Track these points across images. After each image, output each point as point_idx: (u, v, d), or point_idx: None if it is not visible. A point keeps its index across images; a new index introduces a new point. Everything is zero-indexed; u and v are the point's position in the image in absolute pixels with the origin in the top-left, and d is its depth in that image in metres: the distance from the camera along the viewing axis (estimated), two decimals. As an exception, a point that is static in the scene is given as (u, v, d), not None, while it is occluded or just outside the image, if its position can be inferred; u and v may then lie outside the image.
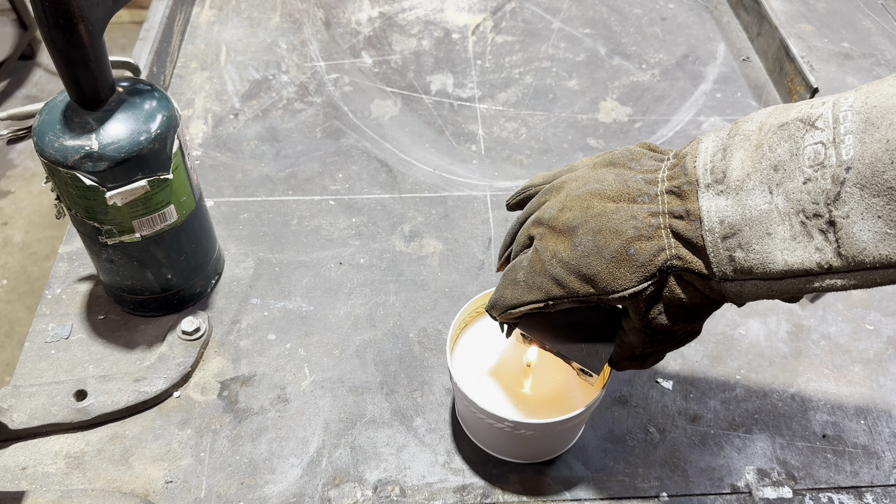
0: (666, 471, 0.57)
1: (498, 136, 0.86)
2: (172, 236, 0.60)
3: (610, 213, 0.42)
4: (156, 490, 0.55)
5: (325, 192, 0.78)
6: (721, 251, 0.38)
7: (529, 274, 0.45)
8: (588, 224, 0.42)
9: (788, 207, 0.36)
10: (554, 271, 0.44)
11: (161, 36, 0.89)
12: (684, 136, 0.86)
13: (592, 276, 0.42)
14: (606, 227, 0.42)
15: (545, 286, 0.44)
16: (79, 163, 0.52)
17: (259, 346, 0.64)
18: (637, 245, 0.41)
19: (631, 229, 0.41)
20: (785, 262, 0.36)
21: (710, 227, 0.38)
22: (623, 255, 0.41)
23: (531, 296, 0.45)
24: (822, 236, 0.35)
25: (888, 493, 0.56)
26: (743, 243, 0.38)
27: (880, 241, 0.34)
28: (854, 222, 0.34)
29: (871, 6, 1.07)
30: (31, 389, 0.59)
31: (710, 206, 0.39)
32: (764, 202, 0.37)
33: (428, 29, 1.01)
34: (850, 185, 0.34)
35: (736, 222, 0.38)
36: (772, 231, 0.37)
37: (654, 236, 0.40)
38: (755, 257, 0.37)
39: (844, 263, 0.35)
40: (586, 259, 0.42)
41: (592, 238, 0.42)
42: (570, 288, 0.43)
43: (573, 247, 0.43)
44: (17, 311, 1.61)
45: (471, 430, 0.58)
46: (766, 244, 0.37)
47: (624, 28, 1.02)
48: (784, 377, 0.63)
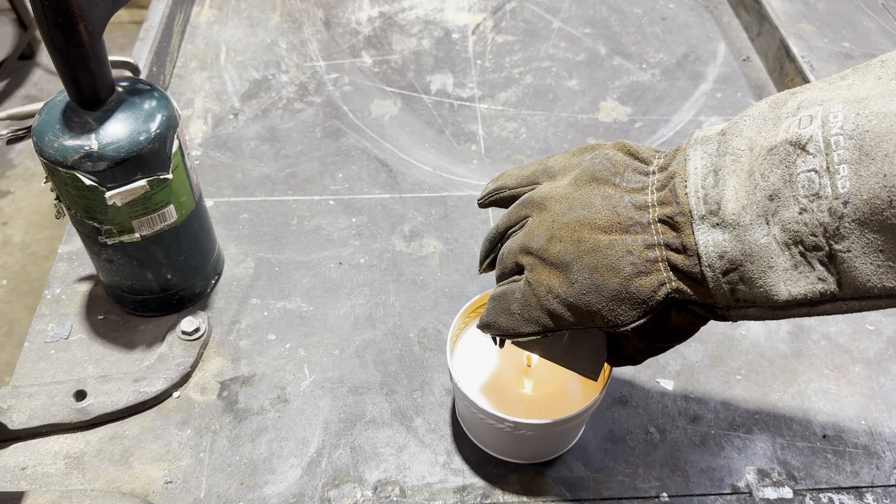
0: (666, 471, 0.57)
1: (498, 136, 0.85)
2: (172, 236, 0.60)
3: (604, 248, 0.41)
4: (155, 490, 0.55)
5: (325, 192, 0.78)
6: (723, 285, 0.38)
7: (524, 308, 0.44)
8: (582, 260, 0.41)
9: (786, 238, 0.36)
10: (551, 306, 0.43)
11: (161, 36, 0.89)
12: (684, 136, 0.86)
13: (593, 313, 0.41)
14: (603, 265, 0.41)
15: (542, 320, 0.44)
16: (78, 163, 0.52)
17: (259, 346, 0.64)
18: (637, 282, 0.40)
19: (628, 266, 0.40)
20: (788, 292, 0.36)
21: (709, 263, 0.38)
22: (623, 293, 0.40)
23: (528, 328, 0.45)
24: (823, 267, 0.35)
25: (888, 494, 0.56)
26: (745, 278, 0.37)
27: (884, 274, 0.33)
28: (856, 256, 0.34)
29: (872, 6, 1.07)
30: (30, 389, 0.59)
31: (707, 241, 0.38)
32: (762, 235, 0.36)
33: (428, 29, 1.01)
34: (848, 220, 0.34)
35: (736, 258, 0.37)
36: (773, 264, 0.36)
37: (653, 270, 0.40)
38: (759, 291, 0.37)
39: (848, 293, 0.35)
40: (585, 297, 0.41)
41: (589, 276, 0.41)
42: (568, 321, 0.43)
43: (569, 284, 0.42)
44: (17, 311, 1.61)
45: (471, 430, 0.57)
46: (768, 277, 0.36)
47: (624, 28, 1.02)
48: (784, 377, 0.63)
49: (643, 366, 0.63)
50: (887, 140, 0.32)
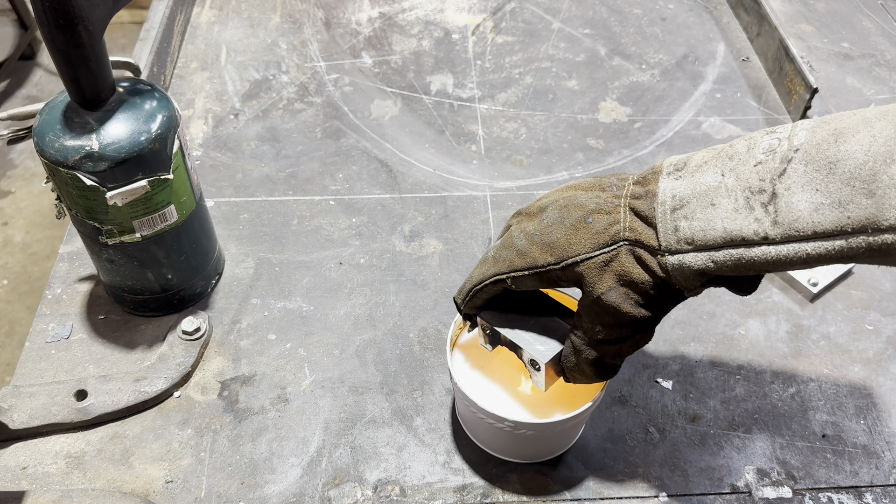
0: (666, 471, 0.57)
1: (498, 137, 0.86)
2: (173, 236, 0.60)
3: (579, 195, 0.46)
4: (156, 490, 0.55)
5: (326, 192, 0.78)
6: (668, 221, 0.41)
7: (498, 250, 0.48)
8: (557, 203, 0.47)
9: (736, 185, 0.39)
10: (519, 243, 0.47)
11: (161, 36, 0.89)
12: (684, 136, 0.86)
13: (552, 243, 0.45)
14: (572, 203, 0.46)
15: (509, 258, 0.47)
16: (79, 163, 0.52)
17: (259, 346, 0.64)
18: (595, 216, 0.44)
19: (593, 204, 0.45)
20: (724, 228, 0.39)
21: (662, 200, 0.42)
22: (581, 223, 0.44)
23: (495, 268, 0.48)
24: (762, 209, 0.38)
25: (888, 493, 0.56)
26: (689, 214, 0.41)
27: (815, 211, 0.36)
28: (794, 193, 0.37)
29: (871, 6, 1.07)
30: (31, 389, 0.59)
31: (665, 186, 0.42)
32: (714, 180, 0.40)
33: (428, 29, 1.01)
34: (796, 162, 0.37)
35: (685, 195, 0.41)
36: (716, 203, 0.40)
37: (613, 211, 0.44)
38: (697, 224, 0.40)
39: (779, 232, 0.37)
40: (549, 228, 0.46)
41: (558, 212, 0.46)
42: (531, 257, 0.46)
43: (540, 221, 0.47)
44: (18, 311, 1.61)
45: (471, 430, 0.58)
46: (708, 213, 0.40)
47: (624, 28, 1.02)
48: (784, 377, 0.63)
49: (643, 365, 0.63)
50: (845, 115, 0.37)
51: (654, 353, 0.64)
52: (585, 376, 0.48)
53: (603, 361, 0.47)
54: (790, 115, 0.88)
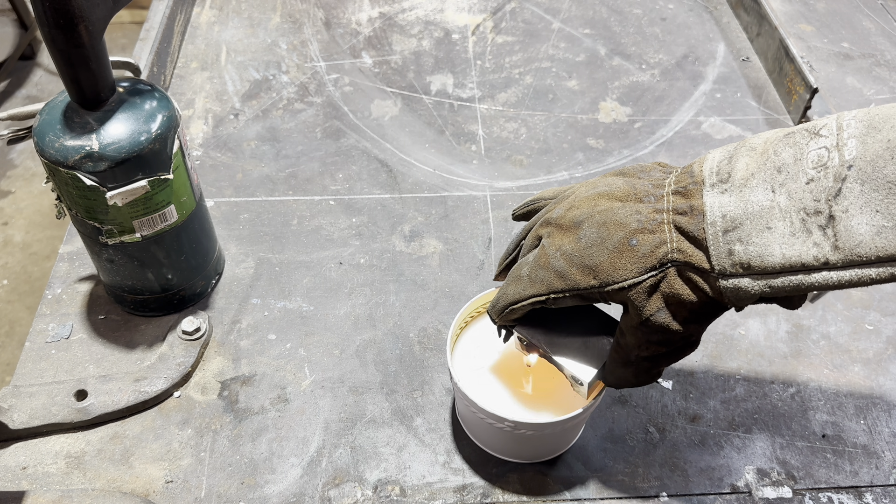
0: (666, 471, 0.57)
1: (498, 136, 0.86)
2: (173, 236, 0.60)
3: (616, 209, 0.43)
4: (156, 490, 0.55)
5: (326, 192, 0.78)
6: (721, 244, 0.39)
7: (533, 269, 0.46)
8: (593, 218, 0.44)
9: (790, 205, 0.37)
10: (557, 264, 0.44)
11: (161, 36, 0.89)
12: (684, 136, 0.86)
13: (594, 266, 0.43)
14: (611, 220, 0.43)
15: (547, 279, 0.45)
16: (79, 163, 0.52)
17: (259, 346, 0.64)
18: (640, 237, 0.42)
19: (634, 222, 0.42)
20: (783, 255, 0.37)
21: (712, 220, 0.40)
22: (625, 245, 0.42)
23: (533, 289, 0.46)
24: (820, 232, 0.36)
25: (888, 493, 0.56)
26: (743, 237, 0.38)
27: (877, 234, 0.35)
28: (852, 216, 0.35)
29: (871, 6, 1.07)
30: (31, 389, 0.59)
31: (713, 202, 0.40)
32: (766, 199, 0.38)
33: (428, 29, 1.01)
34: (850, 181, 0.35)
35: (737, 216, 0.39)
36: (772, 226, 0.38)
37: (657, 230, 0.41)
38: (754, 250, 0.38)
39: (841, 257, 0.36)
40: (589, 250, 0.43)
41: (597, 230, 0.43)
42: (571, 280, 0.44)
43: (577, 240, 0.44)
44: (18, 311, 1.61)
45: (471, 430, 0.58)
46: (765, 238, 0.38)
47: (624, 28, 1.02)
48: (784, 377, 0.63)
49: (643, 365, 0.63)
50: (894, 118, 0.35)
51: (654, 353, 0.64)
52: (629, 384, 0.48)
53: (647, 372, 0.46)
54: (790, 115, 0.88)
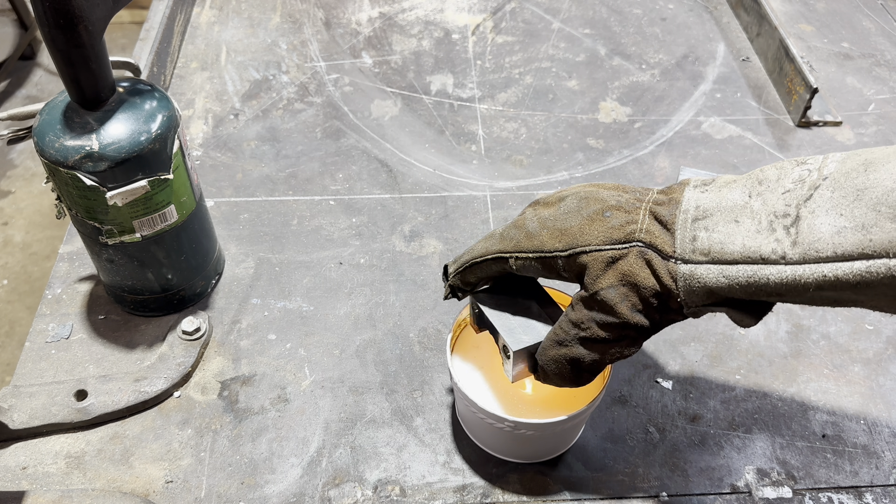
0: (666, 470, 0.57)
1: (498, 137, 0.86)
2: (173, 236, 0.60)
3: (601, 191, 0.46)
4: (156, 490, 0.55)
5: (326, 192, 0.78)
6: (688, 230, 0.41)
7: (507, 228, 0.48)
8: (577, 194, 0.46)
9: (762, 209, 0.39)
10: (531, 225, 0.46)
11: (161, 36, 0.89)
12: (684, 136, 0.86)
13: (565, 229, 0.45)
14: (592, 196, 0.46)
15: (517, 238, 0.47)
16: (79, 163, 0.52)
17: (259, 346, 0.64)
18: (614, 212, 0.44)
19: (613, 200, 0.45)
20: (743, 244, 0.39)
21: (685, 208, 0.42)
22: (598, 215, 0.44)
23: (500, 245, 0.47)
24: (783, 231, 0.38)
25: (888, 493, 0.56)
26: (710, 226, 0.40)
27: (837, 233, 0.36)
28: (817, 216, 0.37)
29: (871, 6, 1.07)
30: (31, 389, 0.59)
31: (690, 196, 0.42)
32: (741, 199, 0.40)
33: (428, 29, 1.01)
34: (823, 188, 0.37)
35: (709, 208, 0.41)
36: (740, 220, 0.39)
37: (632, 211, 0.44)
38: (717, 237, 0.40)
39: (798, 252, 0.37)
40: (565, 216, 0.45)
41: (577, 202, 0.45)
42: (539, 240, 0.45)
43: (557, 208, 0.46)
44: (18, 311, 1.61)
45: (471, 430, 0.58)
46: (730, 228, 0.40)
47: (624, 28, 1.02)
48: (784, 377, 0.63)
49: (643, 365, 0.63)
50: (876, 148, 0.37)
51: (654, 353, 0.64)
52: (557, 376, 0.47)
53: (580, 363, 0.45)
54: (790, 115, 0.88)
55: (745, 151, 0.84)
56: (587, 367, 0.46)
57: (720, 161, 0.83)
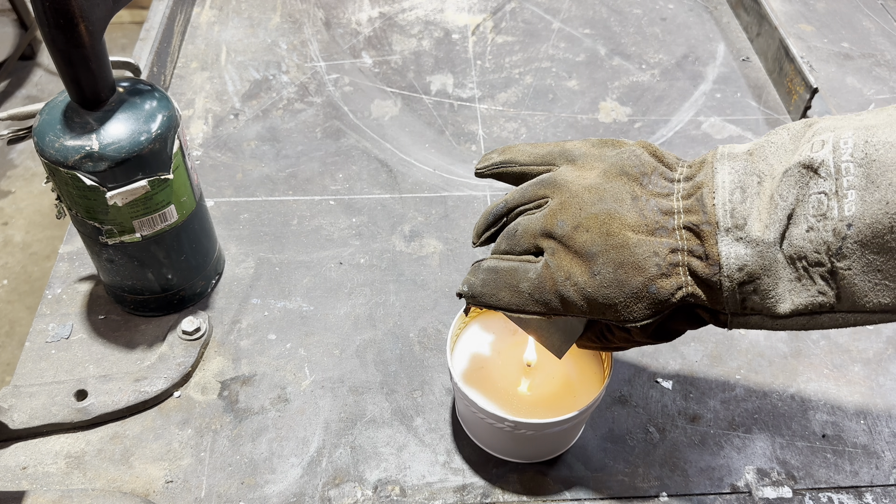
0: (666, 470, 0.57)
1: (498, 137, 0.86)
2: (173, 236, 0.60)
3: (632, 246, 0.42)
4: (156, 490, 0.55)
5: (326, 192, 0.78)
6: (736, 295, 0.40)
7: (536, 289, 0.44)
8: (609, 255, 0.42)
9: (791, 252, 0.38)
10: (567, 293, 0.43)
11: (161, 36, 0.89)
12: (684, 136, 0.86)
13: (609, 305, 0.42)
14: (629, 262, 0.41)
15: (552, 304, 0.44)
16: (79, 163, 0.52)
17: (259, 345, 0.64)
18: (658, 283, 0.41)
19: (653, 266, 0.41)
20: (792, 302, 0.39)
21: (728, 273, 0.39)
22: (644, 292, 0.41)
23: (534, 308, 0.45)
24: (824, 282, 0.38)
25: (888, 493, 0.56)
26: (759, 289, 0.39)
27: (880, 292, 0.36)
28: (855, 274, 0.36)
29: (871, 6, 1.07)
30: (31, 389, 0.59)
31: (729, 253, 0.39)
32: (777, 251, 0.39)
33: (428, 29, 1.01)
34: (850, 241, 0.36)
35: (755, 272, 0.39)
36: (780, 276, 0.39)
37: (674, 274, 0.41)
38: (768, 302, 0.39)
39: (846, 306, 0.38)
40: (605, 290, 0.42)
41: (613, 271, 0.42)
42: (579, 310, 0.43)
43: (591, 275, 0.42)
44: (18, 311, 1.61)
45: (471, 430, 0.58)
46: (777, 289, 0.39)
47: (624, 28, 1.02)
48: (784, 377, 0.63)
49: (642, 365, 0.63)
50: (892, 170, 0.35)
51: (654, 353, 0.64)
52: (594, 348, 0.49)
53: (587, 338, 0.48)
54: (790, 115, 0.88)
55: (745, 151, 0.84)
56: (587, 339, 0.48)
57: (720, 161, 0.83)
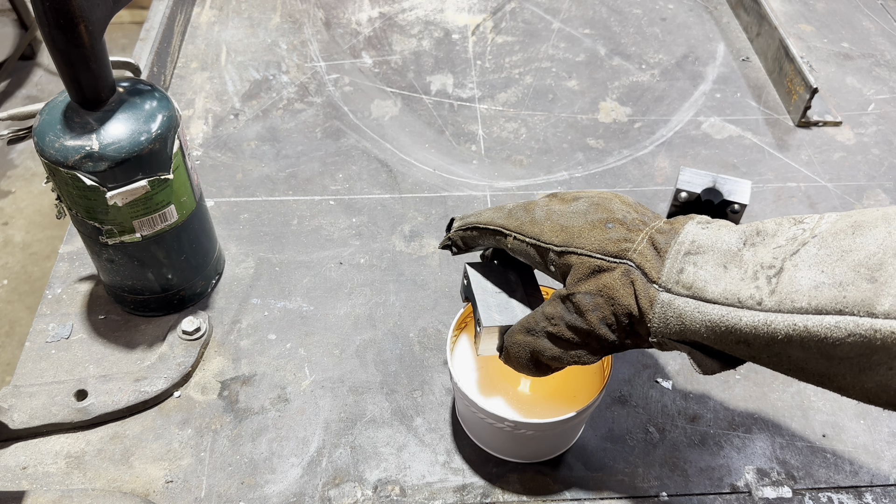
0: (666, 470, 0.57)
1: (498, 137, 0.86)
2: (173, 236, 0.60)
3: (614, 202, 0.47)
4: (156, 490, 0.55)
5: (326, 192, 0.78)
6: (678, 261, 0.42)
7: (517, 207, 0.50)
8: (592, 198, 0.48)
9: (752, 259, 0.40)
10: (538, 213, 0.48)
11: (161, 36, 0.89)
12: (684, 136, 0.86)
13: (566, 226, 0.46)
14: (604, 205, 0.47)
15: (522, 220, 0.48)
16: (79, 163, 0.52)
17: (259, 345, 0.64)
18: (617, 225, 0.45)
19: (620, 214, 0.46)
20: (724, 288, 0.40)
21: (681, 240, 0.43)
22: (601, 223, 0.45)
23: (505, 221, 0.49)
24: (765, 280, 0.38)
25: (888, 493, 0.56)
26: (700, 262, 0.41)
27: (815, 287, 0.36)
28: (800, 269, 0.37)
29: (871, 6, 1.07)
30: (31, 389, 0.59)
31: (690, 229, 0.43)
32: (735, 244, 0.41)
33: (428, 29, 1.01)
34: (810, 245, 0.38)
35: (704, 245, 0.42)
36: (728, 267, 0.40)
37: (633, 230, 0.45)
38: (702, 275, 0.41)
39: (775, 300, 0.37)
40: (571, 214, 0.47)
41: (587, 205, 0.47)
42: (540, 229, 0.47)
43: (568, 206, 0.48)
44: (18, 311, 1.61)
45: (471, 430, 0.58)
46: (717, 271, 0.40)
47: (624, 28, 1.02)
48: (784, 377, 0.63)
49: (643, 365, 0.63)
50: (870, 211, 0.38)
51: (655, 353, 0.64)
52: (517, 361, 0.49)
53: (541, 355, 0.47)
54: (790, 115, 0.88)
55: (744, 151, 0.84)
56: (546, 361, 0.47)
57: (720, 161, 0.83)
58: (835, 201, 0.78)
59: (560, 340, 0.46)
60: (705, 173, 0.67)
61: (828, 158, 0.84)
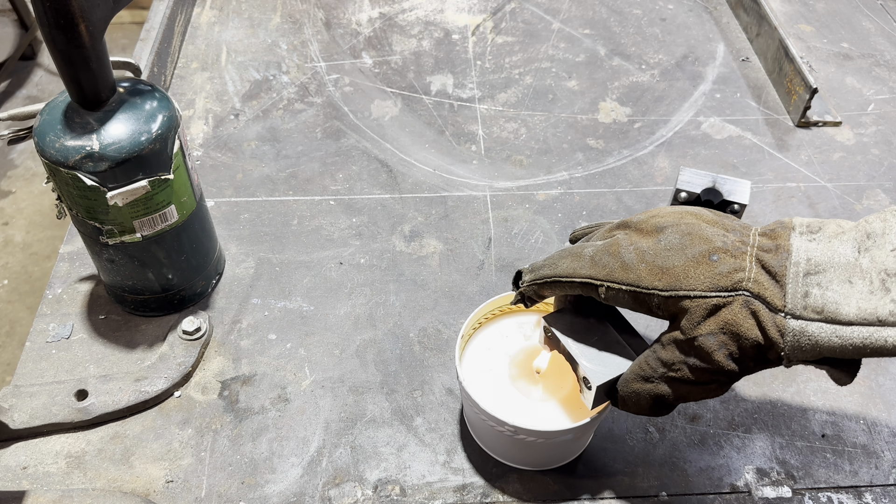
0: (665, 470, 0.57)
1: (498, 137, 0.86)
2: (173, 236, 0.61)
3: (703, 226, 0.43)
4: (156, 489, 0.55)
5: (326, 193, 0.78)
6: (800, 285, 0.39)
7: (599, 252, 0.45)
8: (678, 227, 0.43)
9: (871, 267, 0.38)
10: (627, 255, 0.43)
11: (162, 36, 0.89)
12: (684, 136, 0.86)
13: (667, 268, 0.42)
14: (696, 233, 0.42)
15: (611, 266, 0.44)
16: (80, 163, 0.52)
17: (259, 345, 0.64)
18: (721, 255, 0.41)
19: (719, 241, 0.42)
20: (858, 307, 0.37)
21: (796, 260, 0.40)
22: (705, 258, 0.41)
23: (591, 271, 0.44)
24: None
25: (887, 493, 0.56)
26: (823, 283, 0.39)
27: None
28: None
29: (871, 6, 1.07)
30: (31, 389, 0.59)
31: (800, 245, 0.40)
32: (851, 255, 0.39)
33: (428, 29, 1.01)
34: None
35: (822, 263, 0.39)
36: (853, 281, 0.38)
37: (739, 256, 0.41)
38: (831, 297, 0.38)
39: None
40: (666, 252, 0.42)
41: (679, 237, 0.42)
42: (636, 274, 0.43)
43: (656, 241, 0.43)
44: (18, 311, 1.61)
45: (476, 433, 0.57)
46: (844, 289, 0.38)
47: (624, 28, 1.02)
48: (784, 377, 0.63)
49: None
50: None
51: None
52: (638, 407, 0.46)
53: (663, 399, 0.45)
54: (790, 116, 0.88)
55: (744, 151, 0.84)
56: (670, 404, 0.45)
57: (720, 161, 0.83)
58: (834, 201, 0.78)
59: (683, 383, 0.44)
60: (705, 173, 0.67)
61: (827, 158, 0.84)
